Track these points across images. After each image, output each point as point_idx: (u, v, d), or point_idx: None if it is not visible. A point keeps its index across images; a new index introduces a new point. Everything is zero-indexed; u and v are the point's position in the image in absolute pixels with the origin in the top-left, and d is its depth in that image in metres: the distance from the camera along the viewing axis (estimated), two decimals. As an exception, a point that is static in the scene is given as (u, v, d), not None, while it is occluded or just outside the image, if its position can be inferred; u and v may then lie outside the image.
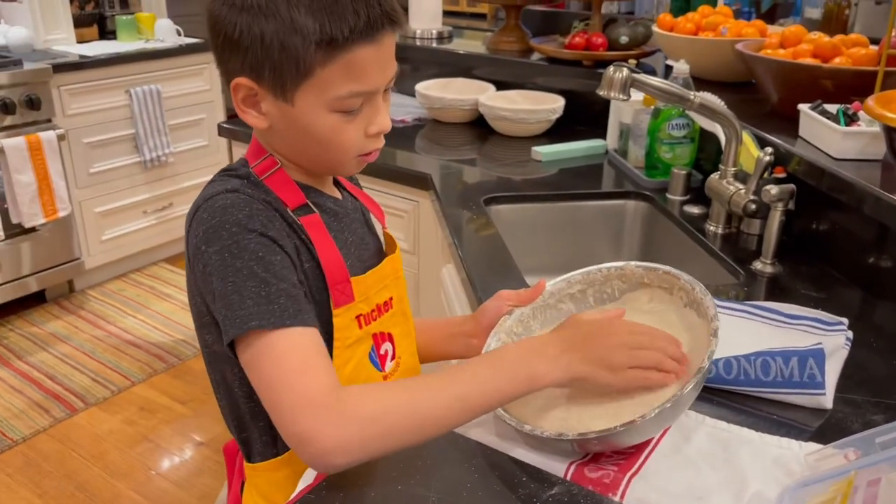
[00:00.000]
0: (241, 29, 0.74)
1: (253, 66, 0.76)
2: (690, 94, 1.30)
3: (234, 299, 0.72)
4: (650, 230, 1.60)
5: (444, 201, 1.58)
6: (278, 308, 0.73)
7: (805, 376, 0.89)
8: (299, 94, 0.77)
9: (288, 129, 0.81)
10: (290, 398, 0.71)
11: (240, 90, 0.79)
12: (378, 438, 0.71)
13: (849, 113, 1.27)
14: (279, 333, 0.72)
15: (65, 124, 2.86)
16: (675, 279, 0.93)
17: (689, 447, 0.81)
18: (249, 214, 0.76)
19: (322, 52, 0.74)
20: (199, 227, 0.76)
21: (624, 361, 0.76)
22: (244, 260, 0.73)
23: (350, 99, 0.77)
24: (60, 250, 2.97)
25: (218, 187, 0.79)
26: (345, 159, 0.83)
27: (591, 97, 2.01)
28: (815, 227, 1.31)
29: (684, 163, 1.62)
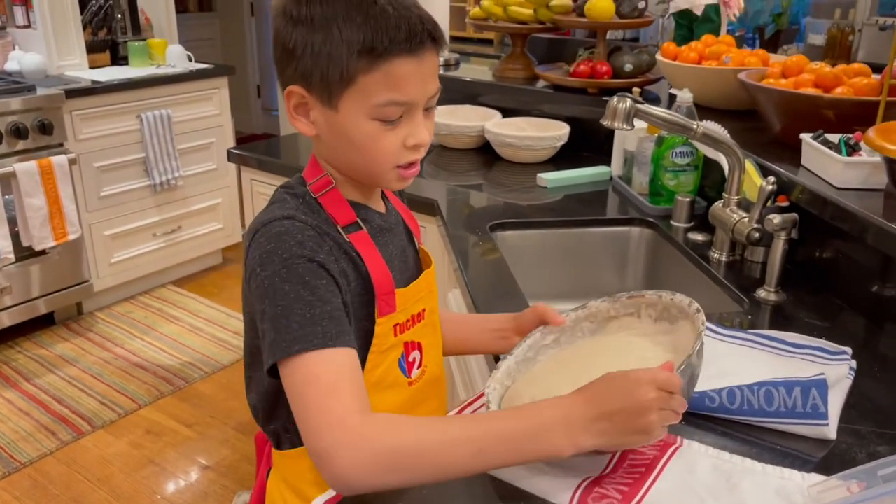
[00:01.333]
0: (296, 40, 0.82)
1: (304, 74, 0.83)
2: (693, 123, 1.32)
3: (281, 323, 0.79)
4: (654, 257, 1.61)
5: (450, 227, 1.59)
6: (321, 330, 0.79)
7: (808, 406, 0.89)
8: (343, 100, 0.83)
9: (333, 137, 0.87)
10: (316, 416, 0.76)
11: (292, 97, 0.86)
12: (391, 471, 0.74)
13: (850, 143, 1.28)
14: (318, 354, 0.78)
15: (76, 148, 2.90)
16: (640, 298, 0.97)
17: (692, 478, 0.81)
18: (301, 241, 0.82)
19: (364, 60, 0.80)
20: (256, 251, 0.83)
21: (656, 424, 0.75)
22: (292, 284, 0.80)
23: (388, 107, 0.83)
24: (70, 273, 3.00)
25: (277, 212, 0.85)
26: (383, 169, 0.87)
27: (596, 124, 2.03)
28: (819, 255, 1.32)
29: (688, 190, 1.63)
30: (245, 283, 0.88)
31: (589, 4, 2.00)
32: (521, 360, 0.97)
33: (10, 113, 2.68)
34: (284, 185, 0.92)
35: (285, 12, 0.84)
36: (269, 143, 2.46)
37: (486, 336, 1.07)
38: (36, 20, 3.06)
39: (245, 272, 0.87)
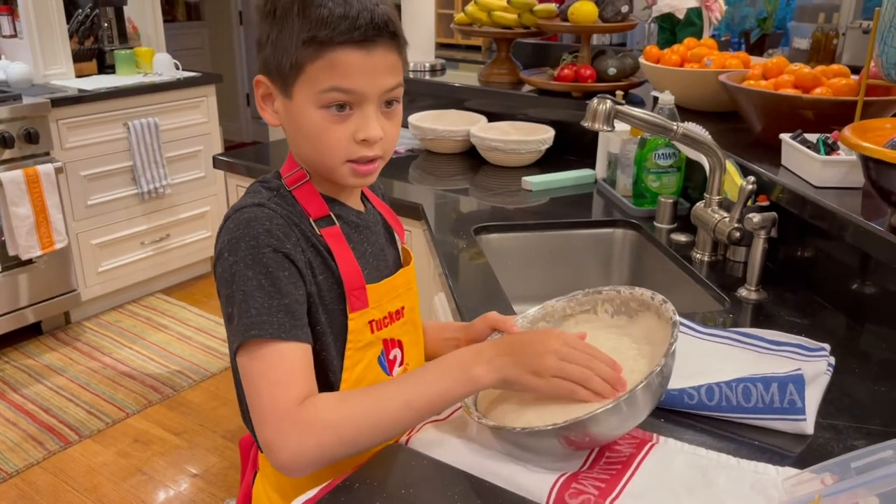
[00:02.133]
0: (262, 31, 0.87)
1: (266, 63, 0.87)
2: (673, 124, 1.33)
3: (242, 307, 0.82)
4: (638, 258, 1.62)
5: (435, 231, 1.60)
6: (276, 321, 0.82)
7: (785, 402, 0.90)
8: (296, 89, 0.86)
9: (290, 126, 0.90)
10: (263, 407, 0.81)
11: (260, 87, 0.90)
12: (335, 446, 0.80)
13: (829, 142, 1.29)
14: (272, 345, 0.81)
15: (63, 157, 2.89)
16: (596, 295, 0.98)
17: (668, 473, 0.82)
18: (268, 229, 0.84)
19: (310, 49, 0.83)
20: (224, 236, 0.86)
21: (549, 368, 0.81)
22: (255, 271, 0.82)
23: (331, 93, 0.84)
24: (57, 282, 2.99)
25: (247, 200, 0.89)
26: (334, 163, 0.88)
27: (581, 128, 2.04)
28: (799, 254, 1.33)
29: (671, 191, 1.64)
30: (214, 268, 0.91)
31: (572, 9, 2.02)
32: None
33: (-5, 122, 2.67)
34: (260, 178, 0.94)
35: (258, 6, 0.89)
36: (256, 149, 2.46)
37: (440, 344, 1.07)
38: (22, 29, 3.06)
39: (214, 259, 0.89)
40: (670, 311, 0.88)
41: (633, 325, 0.94)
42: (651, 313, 0.92)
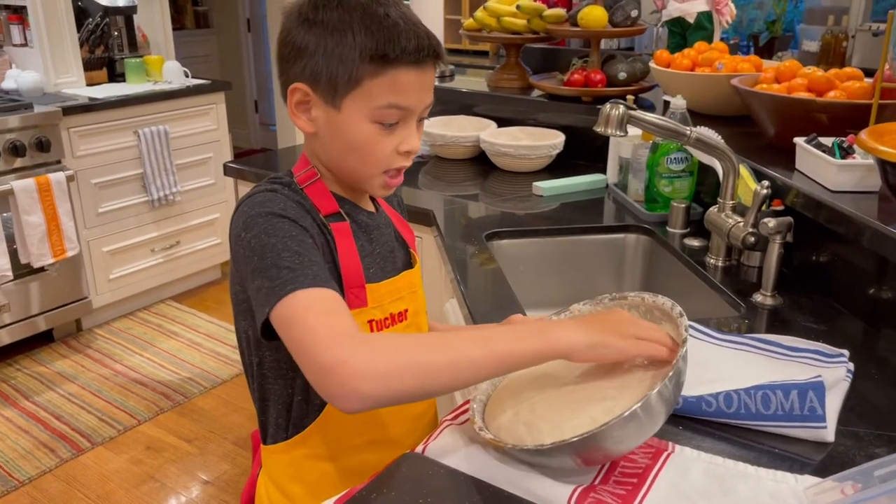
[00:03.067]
0: (309, 40, 0.86)
1: (313, 72, 0.87)
2: (686, 129, 1.32)
3: (272, 272, 0.80)
4: (651, 263, 1.61)
5: (446, 237, 1.59)
6: (311, 273, 0.81)
7: (806, 409, 0.89)
8: (347, 101, 0.87)
9: (331, 135, 0.90)
10: (321, 333, 0.75)
11: (296, 94, 0.90)
12: (405, 372, 0.74)
13: (844, 146, 1.28)
14: (311, 291, 0.79)
15: (74, 165, 2.91)
16: (622, 300, 0.96)
17: (685, 483, 0.81)
18: (284, 207, 0.86)
19: (373, 65, 0.85)
20: (239, 219, 0.86)
21: (632, 332, 0.82)
22: (279, 237, 0.83)
23: (388, 110, 0.87)
24: (68, 290, 3.00)
25: (260, 188, 0.90)
26: (373, 172, 0.92)
27: (591, 132, 2.04)
28: (815, 258, 1.32)
29: (683, 196, 1.63)
30: (232, 259, 0.91)
31: (582, 13, 2.01)
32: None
33: (7, 131, 2.69)
34: (271, 177, 0.95)
35: (300, 14, 0.88)
36: (265, 156, 2.46)
37: None
38: (33, 38, 3.07)
39: (231, 248, 0.89)
40: (683, 326, 0.86)
41: None
42: (671, 324, 0.91)
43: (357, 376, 0.72)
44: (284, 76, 0.91)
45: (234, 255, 0.88)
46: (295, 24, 0.88)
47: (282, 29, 0.91)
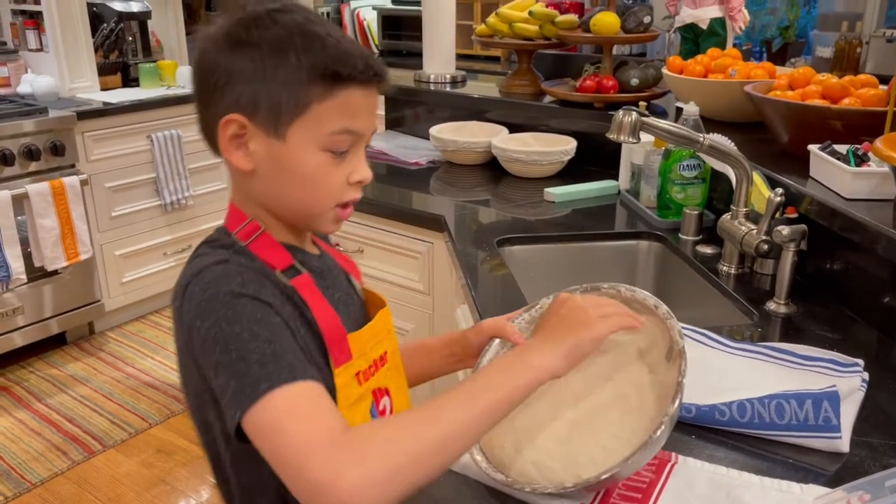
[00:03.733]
0: (243, 65, 0.76)
1: (250, 100, 0.77)
2: (699, 136, 1.32)
3: (239, 367, 0.70)
4: (663, 270, 1.60)
5: (457, 243, 1.59)
6: (286, 364, 0.71)
7: (820, 419, 0.89)
8: (293, 129, 0.78)
9: (274, 171, 0.80)
10: (303, 444, 0.66)
11: (230, 126, 0.78)
12: (404, 468, 0.66)
13: (859, 153, 1.28)
14: (288, 388, 0.69)
15: (88, 169, 2.93)
16: (595, 291, 0.94)
17: (691, 494, 0.81)
18: (242, 283, 0.74)
19: (322, 87, 0.77)
20: (190, 305, 0.74)
21: (592, 314, 0.81)
22: (243, 324, 0.72)
23: (341, 136, 0.79)
24: (81, 293, 3.01)
25: (206, 260, 0.77)
26: (325, 207, 0.82)
27: (603, 139, 2.03)
28: (829, 266, 1.31)
29: (696, 203, 1.63)
30: (183, 348, 0.78)
31: (594, 20, 2.01)
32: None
33: (22, 135, 2.71)
34: (205, 240, 0.83)
35: (229, 36, 0.78)
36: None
37: (438, 363, 1.02)
38: (48, 43, 3.10)
39: (180, 336, 0.77)
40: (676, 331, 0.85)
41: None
42: (652, 318, 0.90)
43: (352, 491, 0.64)
44: (210, 109, 0.80)
45: (188, 344, 0.75)
46: (222, 48, 0.78)
47: (202, 55, 0.79)
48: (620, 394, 0.85)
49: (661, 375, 0.87)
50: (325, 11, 4.82)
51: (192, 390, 0.81)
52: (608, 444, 0.79)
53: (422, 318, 1.84)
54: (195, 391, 0.80)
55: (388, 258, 1.86)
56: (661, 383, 0.85)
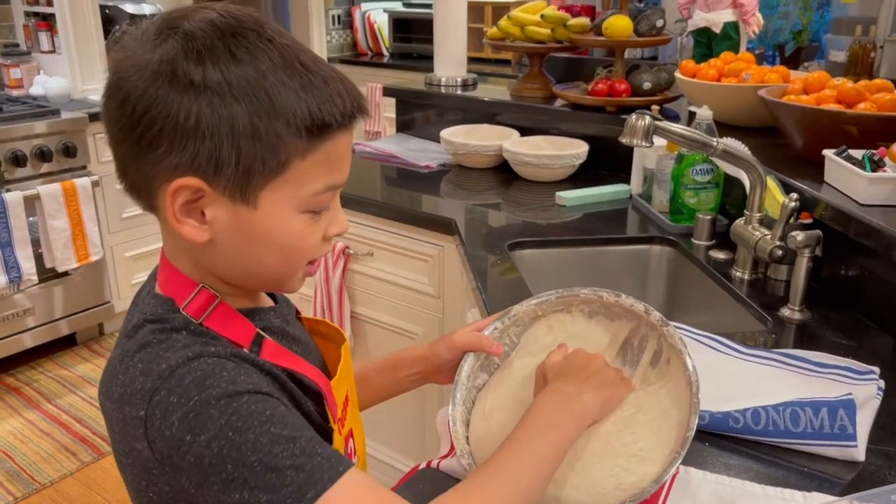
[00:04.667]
0: (200, 114, 0.60)
1: (210, 160, 0.61)
2: (713, 140, 1.31)
3: (270, 479, 0.59)
4: (675, 275, 1.59)
5: (468, 246, 1.59)
6: (322, 460, 0.61)
7: (836, 427, 0.87)
8: (266, 192, 0.64)
9: (237, 241, 0.66)
10: None
11: (181, 194, 0.63)
12: None
13: (874, 159, 1.26)
14: (338, 486, 0.61)
15: (99, 171, 2.94)
16: (573, 297, 0.94)
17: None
18: (231, 378, 0.62)
19: (305, 142, 0.63)
20: (170, 416, 0.61)
21: (615, 375, 0.83)
22: (255, 427, 0.60)
23: (324, 194, 0.67)
24: (91, 294, 3.03)
25: (168, 356, 0.63)
26: (299, 268, 0.71)
27: (615, 142, 2.02)
28: (844, 273, 1.30)
29: (709, 207, 1.61)
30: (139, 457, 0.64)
31: (606, 23, 2.00)
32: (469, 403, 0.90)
33: (34, 136, 2.72)
34: (148, 319, 0.67)
35: (174, 72, 0.60)
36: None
37: (398, 383, 0.96)
38: (60, 45, 3.12)
39: (150, 453, 0.63)
40: (677, 338, 0.85)
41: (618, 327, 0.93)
42: (637, 322, 0.90)
43: None
44: (146, 164, 0.63)
45: (167, 457, 0.62)
46: (162, 86, 0.60)
47: (130, 91, 0.61)
48: (624, 414, 0.83)
49: (656, 385, 0.86)
50: (335, 14, 4.83)
51: (151, 495, 0.67)
52: (629, 466, 0.78)
53: (431, 322, 1.84)
54: (159, 497, 0.66)
55: (397, 261, 1.85)
56: (658, 393, 0.84)
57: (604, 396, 0.80)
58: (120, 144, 0.64)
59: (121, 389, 0.64)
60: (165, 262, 0.71)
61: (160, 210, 0.66)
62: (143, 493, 0.67)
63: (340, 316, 1.96)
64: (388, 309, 1.92)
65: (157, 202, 0.66)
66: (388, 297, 1.91)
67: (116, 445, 0.69)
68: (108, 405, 0.67)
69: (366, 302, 1.97)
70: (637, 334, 0.90)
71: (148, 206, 0.68)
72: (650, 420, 0.82)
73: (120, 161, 0.66)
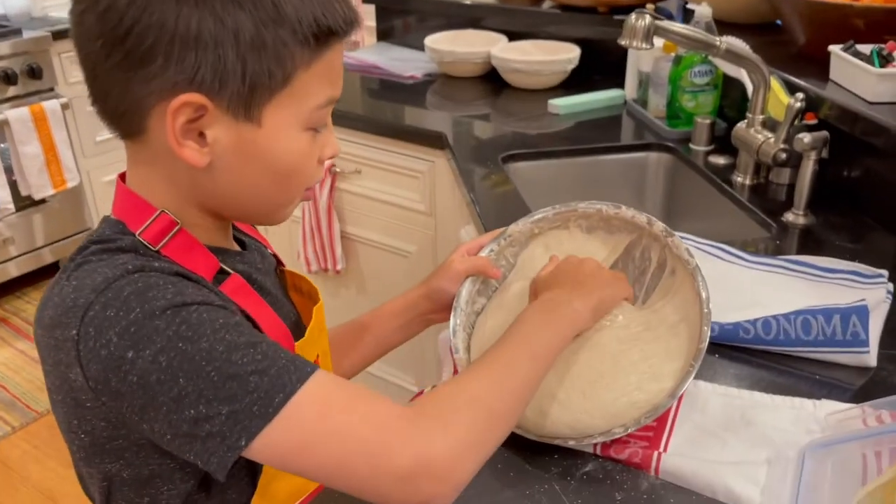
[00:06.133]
0: (202, 23, 0.55)
1: (214, 74, 0.57)
2: (716, 39, 1.24)
3: (230, 387, 0.54)
4: (674, 183, 1.55)
5: (460, 160, 1.54)
6: (286, 362, 0.57)
7: (848, 334, 0.86)
8: (270, 108, 0.60)
9: (237, 163, 0.62)
10: (371, 435, 0.56)
11: (184, 112, 0.58)
12: (492, 427, 0.61)
13: (883, 53, 1.21)
14: (308, 387, 0.56)
15: (68, 93, 2.81)
16: (571, 212, 0.92)
17: (706, 419, 0.80)
18: (177, 290, 0.57)
19: (310, 50, 0.59)
20: (108, 332, 0.55)
21: (609, 276, 0.83)
22: (209, 336, 0.55)
23: (326, 108, 0.64)
24: (72, 221, 2.95)
25: (107, 272, 0.58)
26: (296, 196, 0.67)
27: (607, 45, 1.94)
28: (847, 174, 1.27)
29: (707, 111, 1.56)
30: (70, 387, 0.59)
31: (597, -84, 1.89)
32: (469, 329, 0.88)
33: (-3, 58, 2.59)
34: (94, 240, 0.62)
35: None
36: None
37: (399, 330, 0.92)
38: (15, -42, 2.92)
39: (83, 380, 0.57)
40: (683, 249, 0.83)
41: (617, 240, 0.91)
42: (639, 235, 0.88)
43: (449, 463, 0.56)
44: (139, 81, 0.57)
45: (102, 383, 0.56)
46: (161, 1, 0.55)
47: (117, 2, 0.55)
48: (631, 332, 0.81)
49: (661, 301, 0.84)
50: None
51: (82, 436, 0.63)
52: (641, 384, 0.76)
53: (424, 239, 1.80)
54: (92, 437, 0.62)
55: (387, 178, 1.80)
56: (664, 309, 0.82)
57: (596, 299, 0.78)
58: (100, 63, 0.58)
59: (52, 312, 0.59)
60: (123, 189, 0.66)
61: (147, 133, 0.61)
62: (75, 434, 0.63)
63: (331, 237, 1.92)
64: (379, 227, 1.88)
65: (146, 125, 0.60)
66: (379, 216, 1.86)
67: (48, 380, 0.63)
68: (39, 332, 0.61)
69: (356, 221, 1.92)
70: (638, 246, 0.88)
71: (129, 131, 0.62)
72: (658, 337, 0.80)
73: (98, 82, 0.60)
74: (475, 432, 0.59)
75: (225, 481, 0.57)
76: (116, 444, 0.62)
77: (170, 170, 0.63)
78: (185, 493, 0.65)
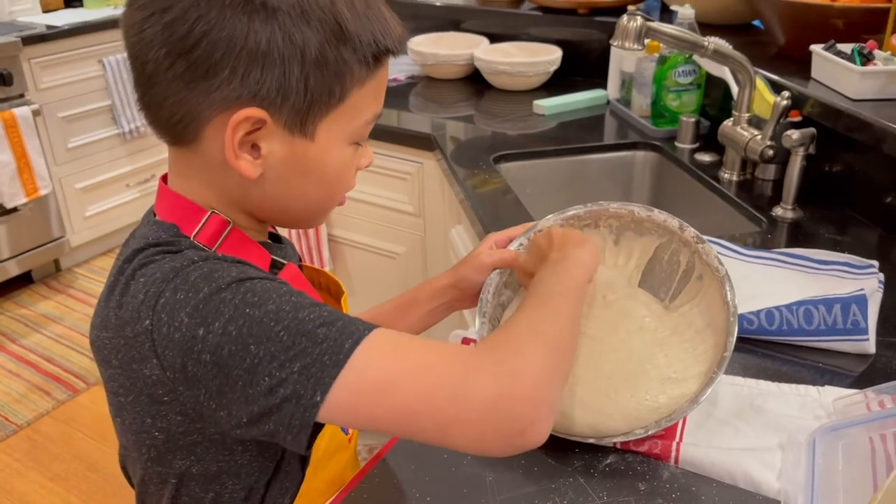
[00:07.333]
0: (272, 39, 0.56)
1: (279, 90, 0.58)
2: (704, 40, 1.28)
3: (300, 343, 0.54)
4: (660, 180, 1.59)
5: (452, 161, 1.55)
6: (350, 321, 0.57)
7: (849, 323, 0.89)
8: (324, 123, 0.62)
9: (287, 174, 0.63)
10: (451, 368, 0.56)
11: (242, 127, 0.59)
12: (561, 356, 0.61)
13: (864, 52, 1.25)
14: (377, 334, 0.57)
15: (38, 99, 2.76)
16: (602, 211, 0.93)
17: (718, 410, 0.82)
18: (241, 270, 0.59)
19: (366, 69, 0.61)
20: (179, 314, 0.56)
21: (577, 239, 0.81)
22: (275, 299, 0.56)
23: (371, 124, 0.67)
24: (44, 229, 2.90)
25: (174, 264, 0.59)
26: (336, 203, 0.70)
27: (587, 46, 1.98)
28: (831, 169, 1.31)
29: (691, 110, 1.60)
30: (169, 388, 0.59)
31: (575, -81, 1.92)
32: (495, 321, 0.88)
33: (-36, 64, 2.53)
34: (151, 243, 0.62)
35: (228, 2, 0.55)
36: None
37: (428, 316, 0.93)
38: (-20, -38, 2.86)
39: (160, 371, 0.58)
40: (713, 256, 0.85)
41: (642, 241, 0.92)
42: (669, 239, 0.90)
43: (535, 383, 0.55)
44: (202, 93, 0.58)
45: (179, 372, 0.57)
46: (228, 9, 0.55)
47: (186, 14, 0.55)
48: (657, 337, 0.83)
49: (687, 305, 0.86)
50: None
51: (156, 434, 0.63)
52: (664, 389, 0.78)
53: (413, 241, 1.81)
54: (167, 434, 0.63)
55: (375, 180, 1.80)
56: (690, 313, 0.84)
57: (590, 249, 0.78)
58: (160, 71, 0.58)
59: (121, 312, 0.60)
60: (169, 192, 0.66)
61: (201, 143, 0.61)
62: (148, 433, 0.63)
63: (318, 240, 1.91)
64: (367, 230, 1.89)
65: (202, 135, 0.61)
66: (367, 218, 1.87)
67: (115, 384, 0.64)
68: (105, 336, 0.62)
69: (342, 224, 1.92)
70: (667, 249, 0.89)
71: (182, 139, 0.62)
72: (685, 341, 0.82)
73: (155, 89, 0.60)
74: (549, 357, 0.59)
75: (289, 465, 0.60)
76: (191, 438, 0.63)
77: (220, 178, 0.64)
78: (249, 487, 0.67)
